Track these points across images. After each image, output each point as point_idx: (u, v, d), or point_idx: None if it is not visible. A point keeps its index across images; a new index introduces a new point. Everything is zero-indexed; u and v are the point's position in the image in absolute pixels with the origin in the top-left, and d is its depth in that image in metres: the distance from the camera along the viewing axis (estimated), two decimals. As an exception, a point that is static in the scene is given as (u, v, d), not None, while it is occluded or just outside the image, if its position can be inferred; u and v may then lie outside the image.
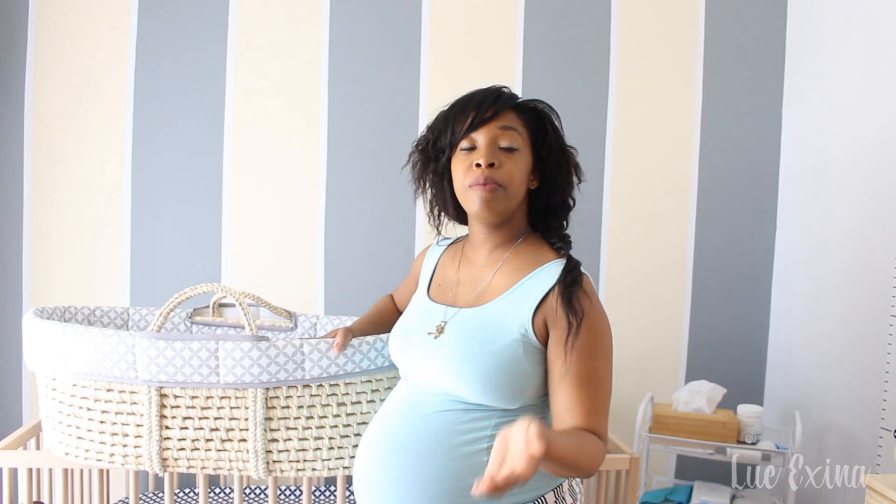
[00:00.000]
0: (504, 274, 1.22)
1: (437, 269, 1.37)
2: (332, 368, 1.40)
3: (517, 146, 1.19)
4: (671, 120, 2.54)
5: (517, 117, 1.21)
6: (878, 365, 2.00)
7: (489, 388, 1.13)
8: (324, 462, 1.45)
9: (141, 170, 2.41)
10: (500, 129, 1.19)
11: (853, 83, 2.18)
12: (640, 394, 2.42)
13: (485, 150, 1.18)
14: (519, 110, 1.22)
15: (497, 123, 1.19)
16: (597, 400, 1.12)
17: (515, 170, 1.18)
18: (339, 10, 2.45)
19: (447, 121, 1.23)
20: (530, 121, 1.23)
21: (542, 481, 1.17)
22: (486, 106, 1.19)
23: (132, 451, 1.45)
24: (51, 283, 2.39)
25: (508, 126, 1.19)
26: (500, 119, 1.19)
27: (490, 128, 1.19)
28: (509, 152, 1.19)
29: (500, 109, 1.19)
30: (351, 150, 2.47)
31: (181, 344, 1.37)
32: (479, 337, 1.16)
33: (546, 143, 1.23)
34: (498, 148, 1.18)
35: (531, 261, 1.22)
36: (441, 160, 1.26)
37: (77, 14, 2.37)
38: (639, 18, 2.52)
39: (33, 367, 1.51)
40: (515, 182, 1.19)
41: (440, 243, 1.43)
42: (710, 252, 2.56)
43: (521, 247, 1.25)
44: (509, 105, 1.21)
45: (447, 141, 1.23)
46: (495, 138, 1.19)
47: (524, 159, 1.21)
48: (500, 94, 1.22)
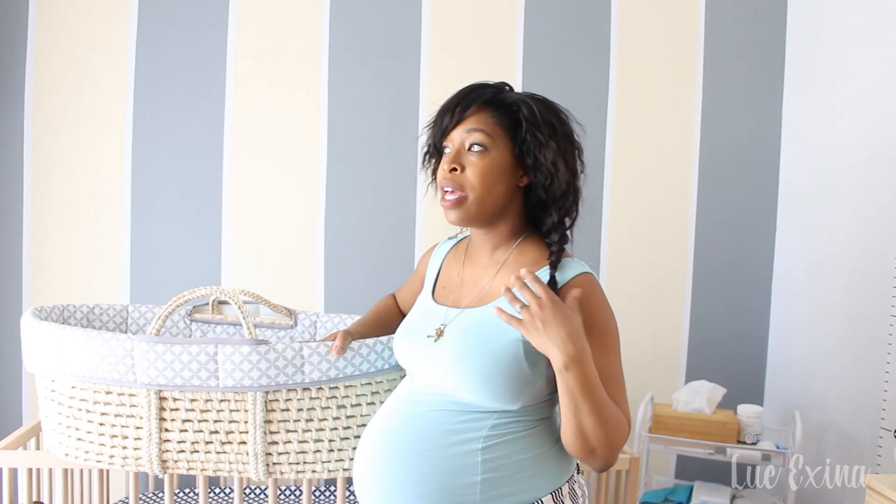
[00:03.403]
0: (506, 274, 1.22)
1: (442, 270, 1.37)
2: (332, 371, 1.40)
3: (486, 145, 1.18)
4: (671, 120, 2.53)
5: (489, 115, 1.20)
6: (878, 365, 2.00)
7: (488, 387, 1.13)
8: (324, 464, 1.45)
9: (141, 168, 2.41)
10: (466, 132, 1.19)
11: (854, 84, 2.17)
12: (640, 394, 2.42)
13: (451, 154, 1.19)
14: (491, 107, 1.21)
15: (464, 126, 1.19)
16: (615, 391, 1.14)
17: (480, 170, 1.18)
18: (340, 9, 2.44)
19: (434, 123, 1.25)
20: (506, 116, 1.21)
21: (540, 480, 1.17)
22: (453, 108, 1.20)
23: (132, 453, 1.45)
24: (51, 281, 2.39)
25: (475, 128, 1.19)
26: (468, 121, 1.19)
27: (458, 131, 1.20)
28: (479, 153, 1.18)
29: (466, 110, 1.20)
30: (351, 147, 2.46)
31: (180, 347, 1.37)
32: (479, 336, 1.16)
33: (521, 135, 1.20)
34: (467, 150, 1.19)
35: (532, 261, 1.22)
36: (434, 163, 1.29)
37: (77, 13, 2.37)
38: (639, 18, 2.51)
39: (32, 369, 1.51)
40: (482, 185, 1.18)
41: (449, 241, 1.42)
42: (711, 252, 2.56)
43: (522, 246, 1.25)
44: (478, 103, 1.20)
45: (433, 145, 1.25)
46: (463, 141, 1.19)
47: (497, 158, 1.19)
48: (467, 94, 1.21)
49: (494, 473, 1.13)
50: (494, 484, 1.13)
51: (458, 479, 1.12)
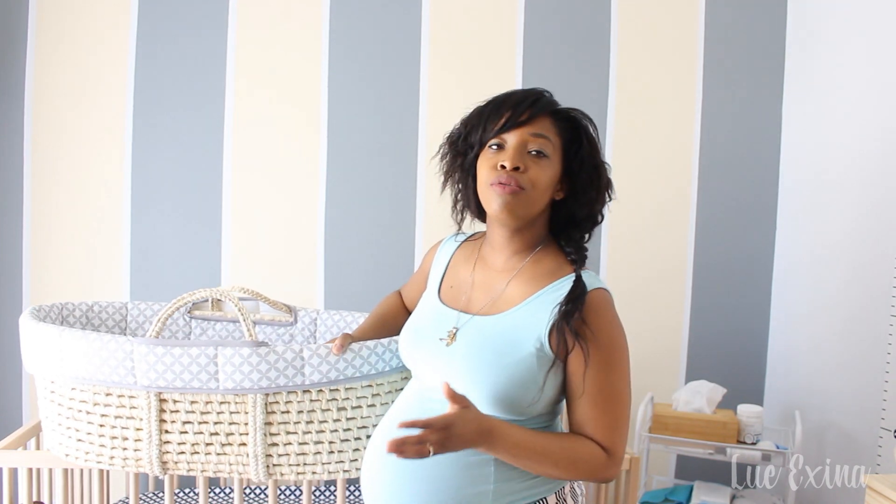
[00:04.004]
0: (521, 283, 1.21)
1: (448, 269, 1.34)
2: (333, 373, 1.39)
3: (547, 153, 1.17)
4: (671, 121, 2.53)
5: (552, 124, 1.19)
6: (878, 365, 2.00)
7: (500, 400, 1.12)
8: (324, 466, 1.45)
9: (141, 166, 2.41)
10: (531, 135, 1.17)
11: (854, 83, 2.17)
12: (640, 394, 2.41)
13: (512, 152, 1.16)
14: (556, 117, 1.20)
15: (530, 129, 1.17)
16: (610, 415, 1.14)
17: (541, 176, 1.16)
18: (339, 7, 2.44)
19: (481, 117, 1.21)
20: (565, 130, 1.20)
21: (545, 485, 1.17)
22: (522, 108, 1.17)
23: (132, 454, 1.45)
24: (51, 280, 2.39)
25: (540, 133, 1.17)
26: (534, 124, 1.17)
27: (522, 131, 1.17)
28: (538, 158, 1.16)
29: (535, 114, 1.17)
30: (351, 145, 2.46)
31: (180, 350, 1.37)
32: (493, 347, 1.15)
33: (579, 155, 1.20)
34: (527, 152, 1.16)
35: (549, 271, 1.20)
36: (469, 156, 1.24)
37: (77, 13, 2.36)
38: (639, 18, 2.51)
39: (32, 370, 1.51)
40: (539, 188, 1.17)
41: (455, 238, 1.39)
42: (711, 252, 2.55)
43: (539, 255, 1.23)
44: (546, 111, 1.19)
45: (478, 137, 1.21)
46: (525, 142, 1.17)
47: (552, 168, 1.18)
48: (539, 97, 1.20)
49: (506, 483, 1.13)
50: (506, 491, 1.13)
51: (472, 488, 1.12)
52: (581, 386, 1.13)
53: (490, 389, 1.12)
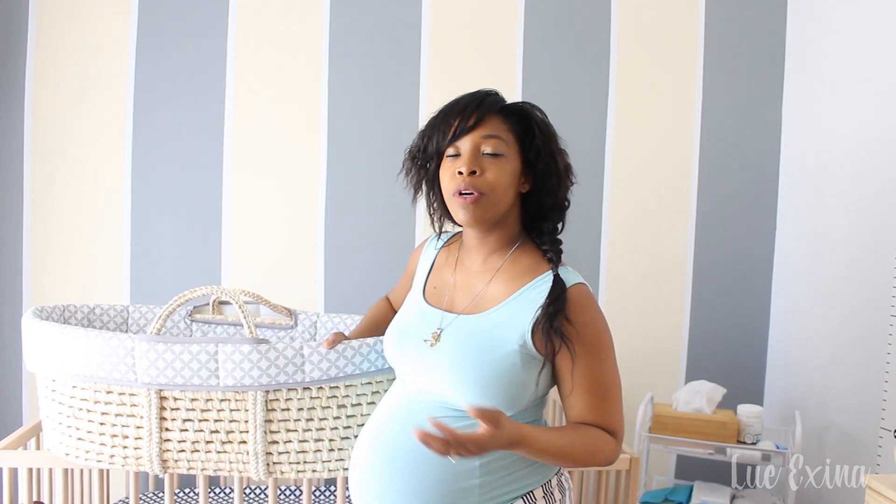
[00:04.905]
0: (501, 282, 1.22)
1: (432, 270, 1.36)
2: (332, 371, 1.40)
3: (501, 152, 1.19)
4: (671, 120, 2.54)
5: (502, 122, 1.21)
6: (878, 365, 2.00)
7: (485, 397, 1.13)
8: (324, 464, 1.45)
9: (141, 167, 2.41)
10: (482, 138, 1.19)
11: (853, 83, 2.17)
12: (640, 394, 2.42)
13: (467, 157, 1.18)
14: (505, 114, 1.22)
15: (480, 132, 1.19)
16: (607, 401, 1.17)
17: (500, 176, 1.18)
18: (339, 8, 2.44)
19: (434, 128, 1.23)
20: (517, 124, 1.22)
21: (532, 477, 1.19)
22: (468, 113, 1.19)
23: (132, 453, 1.45)
24: (51, 281, 2.39)
25: (492, 134, 1.19)
26: (484, 126, 1.19)
27: (473, 136, 1.19)
28: (493, 158, 1.18)
29: (483, 116, 1.19)
30: (351, 146, 2.46)
31: (180, 347, 1.37)
32: (477, 346, 1.17)
33: (533, 146, 1.22)
34: (482, 155, 1.18)
35: (527, 269, 1.22)
36: (430, 167, 1.26)
37: (77, 13, 2.37)
38: (639, 18, 2.51)
39: (33, 369, 1.51)
40: (500, 188, 1.18)
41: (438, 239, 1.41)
42: (711, 252, 2.56)
43: (516, 253, 1.25)
44: (493, 110, 1.21)
45: (434, 148, 1.23)
46: (478, 146, 1.19)
47: (510, 164, 1.20)
48: (483, 99, 1.21)
49: (492, 476, 1.15)
50: (492, 485, 1.15)
51: (458, 483, 1.13)
52: (572, 381, 1.16)
53: (475, 387, 1.14)
